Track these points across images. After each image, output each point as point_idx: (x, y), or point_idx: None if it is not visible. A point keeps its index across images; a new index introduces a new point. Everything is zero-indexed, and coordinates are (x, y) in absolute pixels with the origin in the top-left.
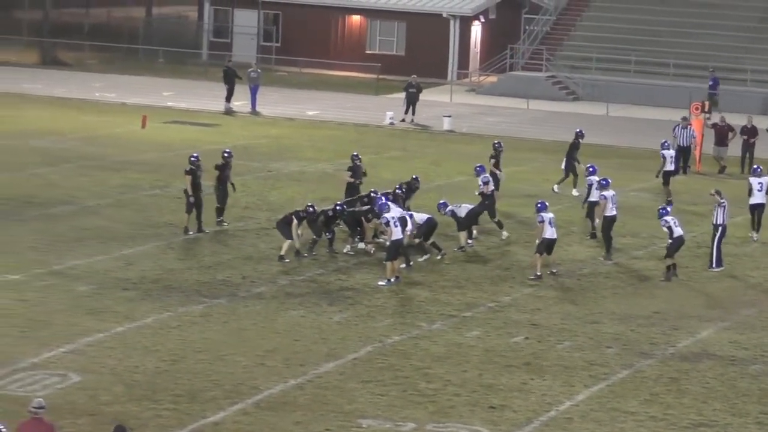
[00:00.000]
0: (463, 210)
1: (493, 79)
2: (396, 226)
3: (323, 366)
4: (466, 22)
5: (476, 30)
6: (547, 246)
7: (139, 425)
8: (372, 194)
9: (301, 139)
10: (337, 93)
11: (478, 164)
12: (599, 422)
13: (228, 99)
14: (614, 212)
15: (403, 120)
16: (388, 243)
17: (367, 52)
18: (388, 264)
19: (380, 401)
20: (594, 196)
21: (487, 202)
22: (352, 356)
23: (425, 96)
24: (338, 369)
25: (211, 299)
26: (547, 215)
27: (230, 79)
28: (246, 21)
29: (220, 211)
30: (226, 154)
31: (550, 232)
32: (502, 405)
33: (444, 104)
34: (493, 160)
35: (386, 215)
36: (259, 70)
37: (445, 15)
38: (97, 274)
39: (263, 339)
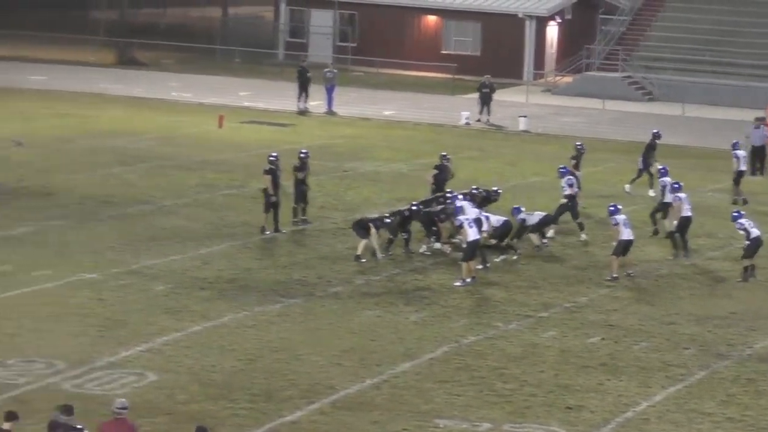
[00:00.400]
0: (535, 218)
1: (568, 79)
2: (471, 227)
3: (399, 366)
4: (541, 22)
5: (552, 30)
6: (624, 247)
7: (216, 424)
8: (447, 194)
9: (377, 139)
10: (413, 93)
11: (562, 166)
12: (676, 423)
13: (300, 99)
14: (689, 213)
15: (479, 120)
16: (463, 244)
17: (443, 52)
18: (464, 264)
19: (456, 401)
20: (668, 198)
21: (571, 204)
22: (428, 356)
23: (501, 96)
24: (414, 369)
25: (287, 299)
26: (621, 217)
27: (303, 79)
28: (322, 21)
29: (296, 211)
30: (302, 155)
31: (626, 234)
32: (579, 405)
33: (519, 104)
34: (573, 161)
35: (460, 217)
36: (335, 70)
37: (520, 15)
38: (174, 274)
39: (339, 339)
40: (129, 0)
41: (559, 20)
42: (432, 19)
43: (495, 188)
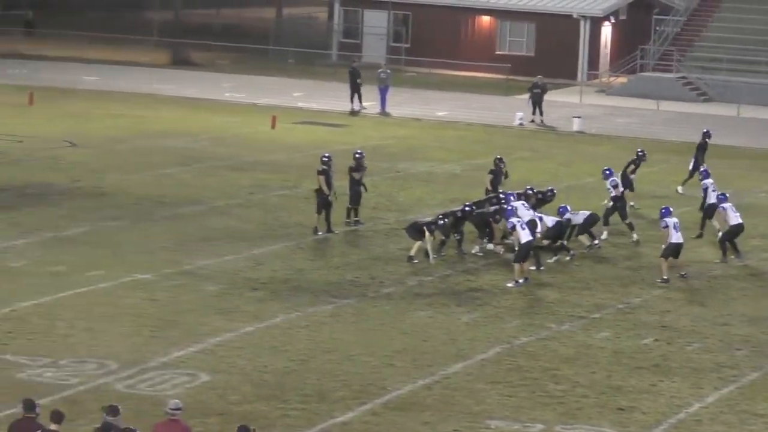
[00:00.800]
0: (579, 217)
1: (623, 79)
2: (523, 229)
3: (451, 367)
4: (596, 22)
5: (606, 31)
6: (674, 250)
7: (268, 425)
8: (501, 195)
9: (430, 140)
10: (466, 94)
11: (606, 167)
12: (728, 425)
13: (352, 99)
14: (739, 220)
15: (532, 121)
16: (516, 246)
17: (497, 52)
18: (517, 265)
19: (508, 402)
20: (711, 198)
21: (618, 205)
22: (480, 357)
23: (555, 97)
24: (466, 370)
25: (339, 299)
26: (672, 220)
27: (354, 80)
28: (376, 21)
29: (350, 212)
30: (358, 155)
31: (676, 237)
32: (631, 407)
33: (574, 105)
34: (632, 166)
35: (512, 219)
36: (388, 71)
37: (575, 16)
38: (227, 274)
39: (392, 339)
40: (183, 0)
41: (614, 20)
42: (486, 19)
43: (549, 188)
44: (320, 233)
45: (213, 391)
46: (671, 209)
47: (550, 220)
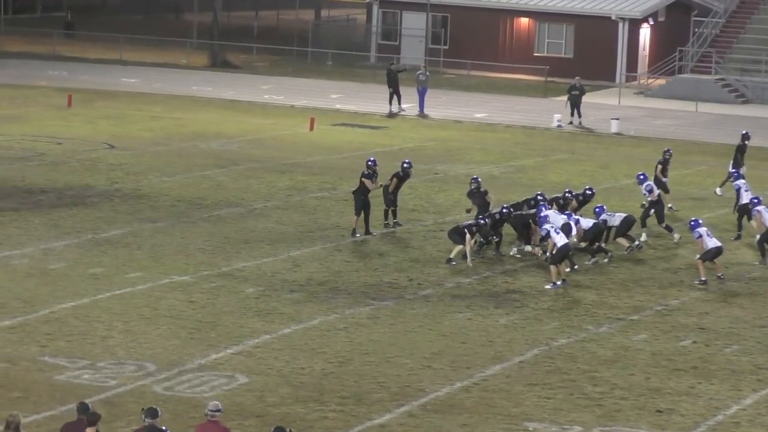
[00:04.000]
0: (616, 219)
1: (661, 81)
2: (558, 233)
3: (489, 369)
4: (635, 24)
5: (645, 32)
6: (714, 254)
7: (306, 427)
8: (539, 197)
9: (469, 142)
10: (505, 96)
11: (640, 173)
12: (767, 427)
13: (390, 101)
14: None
15: (570, 123)
16: (547, 253)
17: (536, 54)
18: (553, 267)
19: (546, 404)
20: (744, 199)
21: (655, 208)
22: (518, 359)
23: (594, 98)
24: (504, 372)
25: (377, 301)
26: (703, 229)
27: (391, 82)
28: (414, 23)
29: (387, 214)
30: (406, 165)
31: (712, 243)
32: (670, 409)
33: (612, 107)
34: (660, 166)
35: (546, 226)
36: (427, 73)
37: (614, 17)
38: (265, 276)
39: (430, 341)
40: (222, 3)
41: (652, 22)
42: (524, 21)
43: (587, 187)
44: (358, 235)
45: (251, 393)
46: (700, 220)
47: (586, 222)
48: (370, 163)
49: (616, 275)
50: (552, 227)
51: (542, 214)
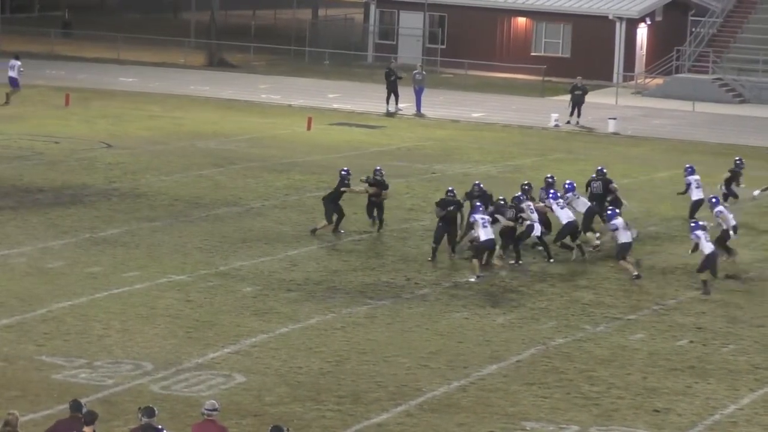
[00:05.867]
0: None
1: (658, 81)
2: (484, 227)
3: (486, 368)
4: (632, 24)
5: (642, 32)
6: (713, 262)
7: (303, 426)
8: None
9: (466, 141)
10: (502, 95)
11: (713, 196)
12: (764, 426)
13: (388, 101)
14: (733, 222)
15: (569, 122)
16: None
17: (533, 54)
18: (474, 261)
19: (543, 404)
20: (695, 195)
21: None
22: (515, 358)
23: (591, 98)
24: (501, 371)
25: (375, 301)
26: (700, 232)
27: (390, 81)
28: (411, 23)
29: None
30: (376, 171)
31: (708, 248)
32: (666, 408)
33: (609, 106)
34: (729, 175)
35: (476, 216)
36: (424, 72)
37: (611, 17)
38: (262, 276)
39: (427, 341)
40: (219, 2)
41: (650, 22)
42: (522, 20)
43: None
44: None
45: (248, 392)
46: (700, 223)
47: (566, 215)
48: (377, 170)
49: (613, 275)
50: (482, 219)
51: (478, 204)
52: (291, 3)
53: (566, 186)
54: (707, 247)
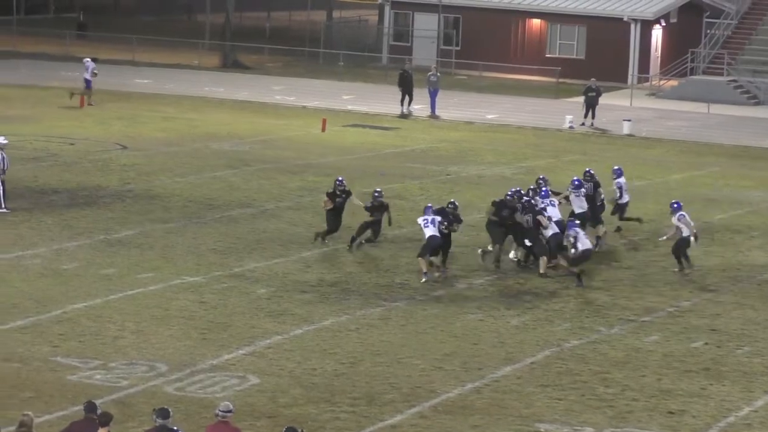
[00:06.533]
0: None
1: (673, 83)
2: (426, 227)
3: (501, 370)
4: (647, 25)
5: (657, 34)
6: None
7: (317, 428)
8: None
9: (481, 143)
10: (517, 97)
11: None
12: None
13: (402, 102)
14: (686, 234)
15: (583, 124)
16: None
17: (547, 55)
18: (420, 259)
19: (558, 406)
20: (624, 198)
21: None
22: (530, 360)
23: (606, 100)
24: (516, 373)
25: (389, 302)
26: (681, 213)
27: (405, 83)
28: (426, 24)
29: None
30: (338, 183)
31: (687, 232)
32: (681, 410)
33: (624, 108)
34: None
35: (419, 219)
36: (438, 74)
37: (625, 19)
38: (276, 277)
39: (441, 342)
40: (234, 4)
41: (664, 24)
42: (536, 22)
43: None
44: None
45: (262, 393)
46: (680, 203)
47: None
48: (376, 194)
49: (628, 276)
50: (424, 220)
51: (426, 207)
52: (305, 4)
53: (575, 182)
54: (686, 231)
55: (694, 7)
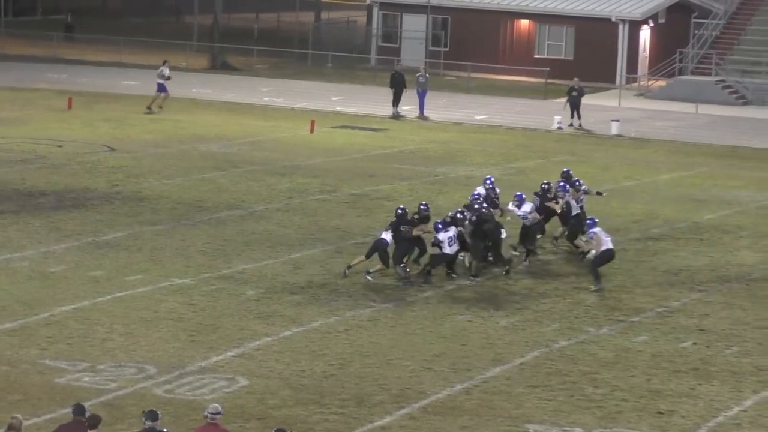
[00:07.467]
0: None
1: (661, 83)
2: (384, 232)
3: (490, 371)
4: (635, 26)
5: (645, 34)
6: (608, 257)
7: (307, 429)
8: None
9: (470, 144)
10: (506, 98)
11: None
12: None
13: (395, 104)
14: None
15: (571, 125)
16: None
17: (536, 56)
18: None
19: (547, 406)
20: (575, 210)
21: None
22: (518, 361)
23: (594, 100)
24: (505, 374)
25: (378, 304)
26: (598, 229)
27: (397, 84)
28: (415, 26)
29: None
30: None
31: (606, 244)
32: (670, 410)
33: (612, 108)
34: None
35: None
36: (427, 75)
37: (614, 19)
38: (265, 279)
39: (430, 344)
40: (222, 5)
41: (653, 24)
42: (525, 23)
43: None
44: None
45: (251, 395)
46: (596, 219)
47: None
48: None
49: (616, 277)
50: (382, 234)
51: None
52: (294, 6)
53: (560, 186)
54: (606, 244)
55: (682, 7)
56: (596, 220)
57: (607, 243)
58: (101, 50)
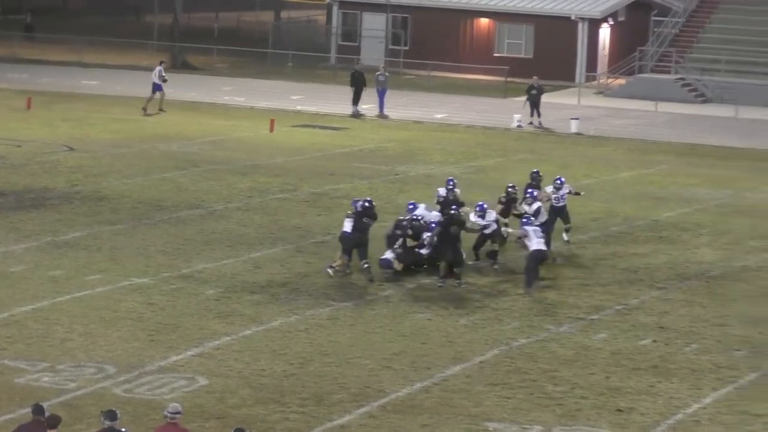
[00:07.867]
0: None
1: (621, 81)
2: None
3: (450, 369)
4: (594, 24)
5: (605, 32)
6: (540, 259)
7: (266, 428)
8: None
9: (429, 142)
10: (465, 96)
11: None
12: (727, 425)
13: (355, 102)
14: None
15: (530, 123)
16: None
17: (495, 54)
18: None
19: (507, 404)
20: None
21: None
22: (478, 359)
23: (553, 98)
24: (465, 372)
25: (338, 302)
26: (531, 228)
27: (358, 82)
28: (374, 24)
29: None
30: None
31: (537, 244)
32: (630, 408)
33: (572, 107)
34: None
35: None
36: (386, 74)
37: (573, 17)
38: (225, 278)
39: (390, 342)
40: (182, 4)
41: (612, 22)
42: (484, 21)
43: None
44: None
45: (211, 394)
46: (532, 219)
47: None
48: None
49: (576, 275)
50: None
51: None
52: (254, 5)
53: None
54: (536, 244)
55: (642, 5)
56: (532, 219)
57: (539, 244)
58: (61, 50)
